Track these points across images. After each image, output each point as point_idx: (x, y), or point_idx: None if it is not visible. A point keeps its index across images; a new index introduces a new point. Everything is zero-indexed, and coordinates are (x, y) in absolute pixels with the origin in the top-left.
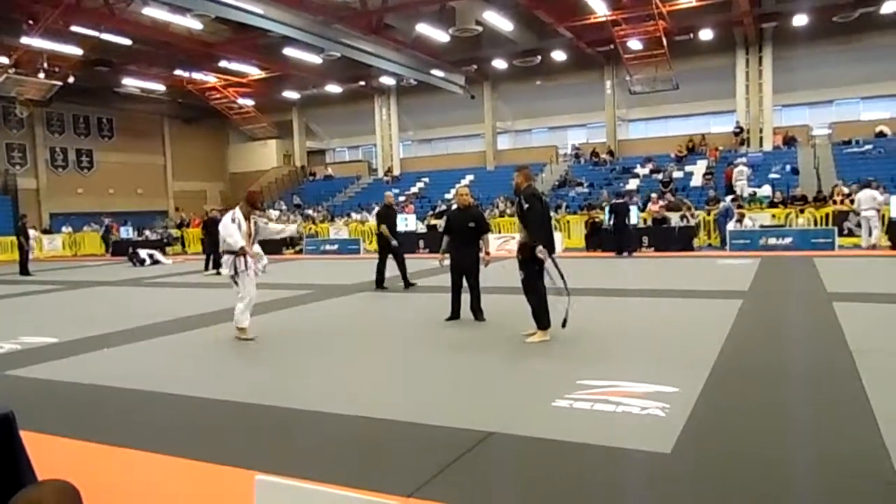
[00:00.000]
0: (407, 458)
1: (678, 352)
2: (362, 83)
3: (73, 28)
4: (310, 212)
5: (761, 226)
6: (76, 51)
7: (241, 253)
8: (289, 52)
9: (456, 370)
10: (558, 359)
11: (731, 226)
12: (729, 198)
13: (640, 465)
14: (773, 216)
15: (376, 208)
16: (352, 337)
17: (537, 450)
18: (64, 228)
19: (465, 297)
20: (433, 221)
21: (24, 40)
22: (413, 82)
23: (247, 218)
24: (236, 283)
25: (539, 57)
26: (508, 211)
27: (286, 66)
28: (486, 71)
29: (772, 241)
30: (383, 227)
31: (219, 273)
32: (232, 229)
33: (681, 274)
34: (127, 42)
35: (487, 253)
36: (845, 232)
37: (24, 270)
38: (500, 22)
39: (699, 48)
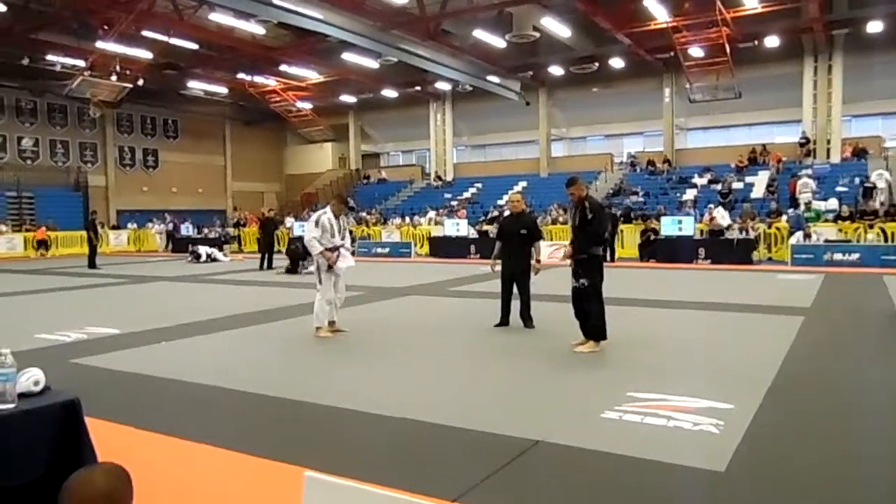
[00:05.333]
0: (453, 462)
1: (734, 367)
2: (418, 88)
3: (145, 33)
4: (363, 214)
5: (826, 240)
6: (146, 54)
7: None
8: (347, 56)
9: (504, 377)
10: (608, 370)
11: (794, 239)
12: (801, 209)
13: (692, 483)
14: (840, 230)
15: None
16: (401, 340)
17: (584, 461)
18: (129, 225)
19: (515, 304)
20: (485, 227)
21: (99, 44)
22: (468, 88)
23: (337, 216)
24: (320, 280)
25: (596, 63)
26: (561, 219)
27: (344, 71)
28: (542, 77)
29: (837, 256)
30: None
31: (289, 271)
32: (314, 233)
33: (739, 288)
34: (193, 46)
35: (538, 260)
36: None
37: (91, 264)
38: (557, 28)
39: (764, 55)
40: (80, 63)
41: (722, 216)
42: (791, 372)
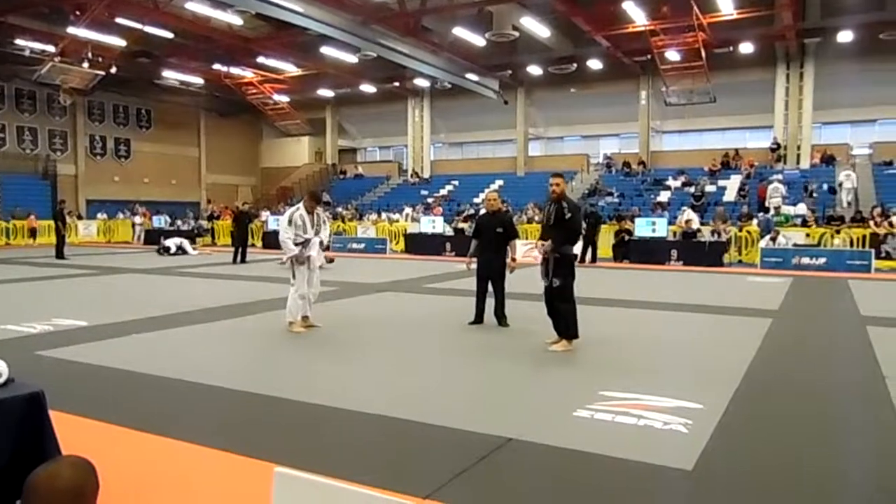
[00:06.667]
0: (424, 459)
1: (704, 368)
2: (396, 84)
3: (118, 20)
4: (339, 209)
5: (794, 244)
6: (119, 42)
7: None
8: (326, 50)
9: (477, 374)
10: (581, 369)
11: (763, 243)
12: (770, 213)
13: (661, 481)
14: (808, 235)
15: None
16: (375, 336)
17: (556, 458)
18: (99, 215)
19: (490, 302)
20: (460, 225)
21: (71, 30)
22: (447, 85)
23: (310, 213)
24: (294, 275)
25: (574, 64)
26: (537, 218)
27: (322, 65)
28: (521, 77)
29: (805, 260)
30: None
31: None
32: (288, 233)
33: (709, 289)
34: (168, 35)
35: (514, 259)
36: (883, 255)
37: (59, 254)
38: (536, 28)
39: (738, 61)
40: (51, 48)
41: (690, 218)
42: (759, 372)
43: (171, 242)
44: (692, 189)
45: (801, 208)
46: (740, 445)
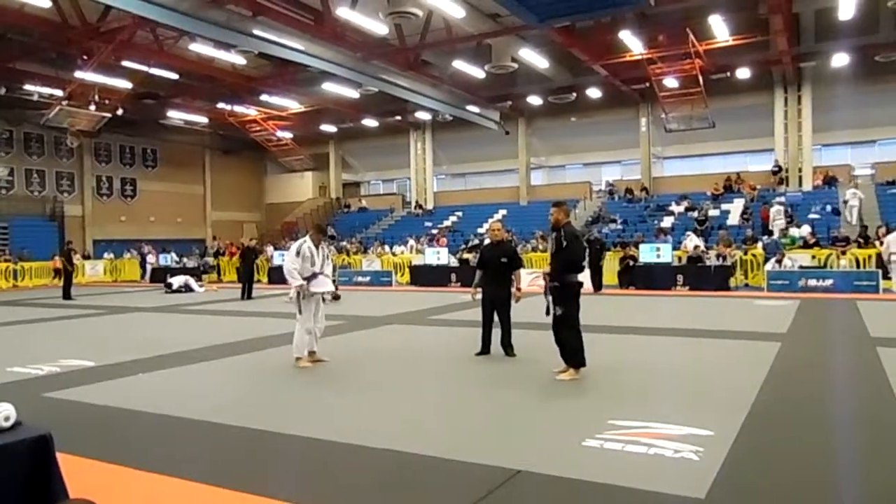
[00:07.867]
0: (433, 493)
1: (713, 394)
2: (398, 118)
3: (124, 63)
4: (344, 243)
5: (801, 266)
6: (126, 84)
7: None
8: (327, 86)
9: (485, 405)
10: (589, 397)
11: (769, 266)
12: (776, 235)
13: None
14: (814, 257)
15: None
16: (381, 369)
17: (565, 490)
18: (105, 255)
19: (496, 332)
20: (465, 255)
21: (78, 74)
22: (448, 117)
23: (317, 245)
24: (300, 310)
25: (574, 94)
26: (541, 247)
27: (324, 100)
28: (521, 107)
29: (812, 282)
30: None
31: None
32: (295, 264)
33: (717, 314)
34: (173, 76)
35: (519, 288)
36: (890, 275)
37: (66, 295)
38: (535, 59)
39: (736, 87)
40: (59, 93)
41: (698, 243)
42: (769, 397)
43: (176, 280)
44: (695, 214)
45: (806, 230)
46: (753, 472)
